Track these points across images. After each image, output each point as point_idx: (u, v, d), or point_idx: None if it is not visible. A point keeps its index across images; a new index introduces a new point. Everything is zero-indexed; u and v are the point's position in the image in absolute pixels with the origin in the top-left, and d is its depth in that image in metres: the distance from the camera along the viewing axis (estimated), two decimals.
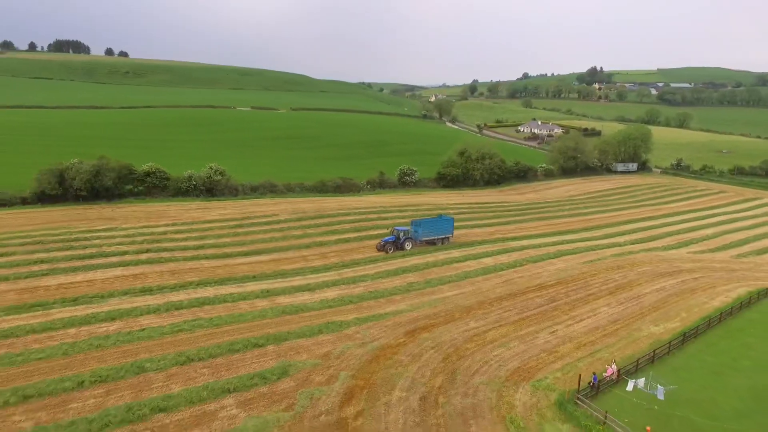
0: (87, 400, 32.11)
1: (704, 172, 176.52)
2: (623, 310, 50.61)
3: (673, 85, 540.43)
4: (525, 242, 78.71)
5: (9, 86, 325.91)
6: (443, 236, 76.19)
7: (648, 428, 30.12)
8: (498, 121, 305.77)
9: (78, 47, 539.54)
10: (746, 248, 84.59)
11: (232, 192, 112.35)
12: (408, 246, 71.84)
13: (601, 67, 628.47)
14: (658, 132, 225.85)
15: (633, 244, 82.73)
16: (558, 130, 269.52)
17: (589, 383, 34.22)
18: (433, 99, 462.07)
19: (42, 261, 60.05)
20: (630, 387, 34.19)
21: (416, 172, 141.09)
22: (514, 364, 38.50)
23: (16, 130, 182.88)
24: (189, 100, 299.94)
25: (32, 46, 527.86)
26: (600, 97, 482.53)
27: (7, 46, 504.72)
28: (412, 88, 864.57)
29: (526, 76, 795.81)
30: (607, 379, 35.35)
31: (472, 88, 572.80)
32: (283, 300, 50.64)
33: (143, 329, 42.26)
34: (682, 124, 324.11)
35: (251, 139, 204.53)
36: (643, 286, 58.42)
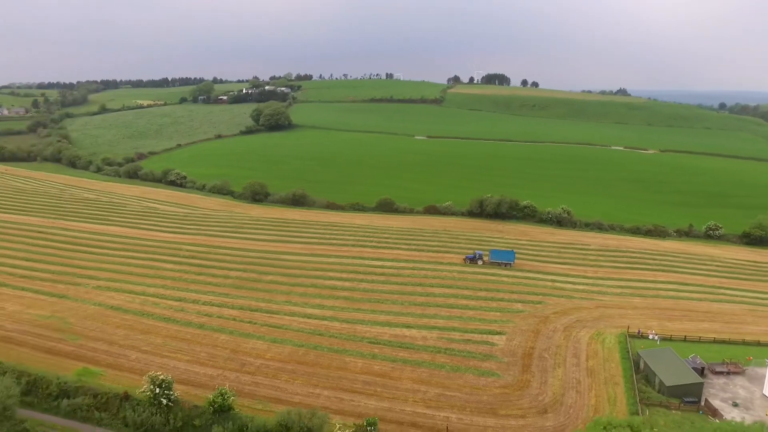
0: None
1: None
2: (695, 325, 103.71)
3: None
4: (710, 289, 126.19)
5: (456, 116, 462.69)
6: (506, 262, 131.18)
7: (642, 348, 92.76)
8: None
9: (502, 80, 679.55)
10: None
11: (573, 225, 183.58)
12: (479, 263, 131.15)
13: None
14: None
15: None
16: None
17: (636, 332, 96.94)
18: None
19: (469, 247, 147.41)
20: (650, 337, 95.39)
21: (721, 228, 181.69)
22: (621, 324, 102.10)
23: (459, 158, 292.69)
24: (575, 136, 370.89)
25: (471, 80, 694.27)
26: None
27: (456, 80, 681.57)
28: None
29: None
30: (649, 334, 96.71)
31: None
32: (544, 282, 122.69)
33: (474, 279, 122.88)
34: None
35: (609, 179, 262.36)
36: (749, 325, 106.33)
